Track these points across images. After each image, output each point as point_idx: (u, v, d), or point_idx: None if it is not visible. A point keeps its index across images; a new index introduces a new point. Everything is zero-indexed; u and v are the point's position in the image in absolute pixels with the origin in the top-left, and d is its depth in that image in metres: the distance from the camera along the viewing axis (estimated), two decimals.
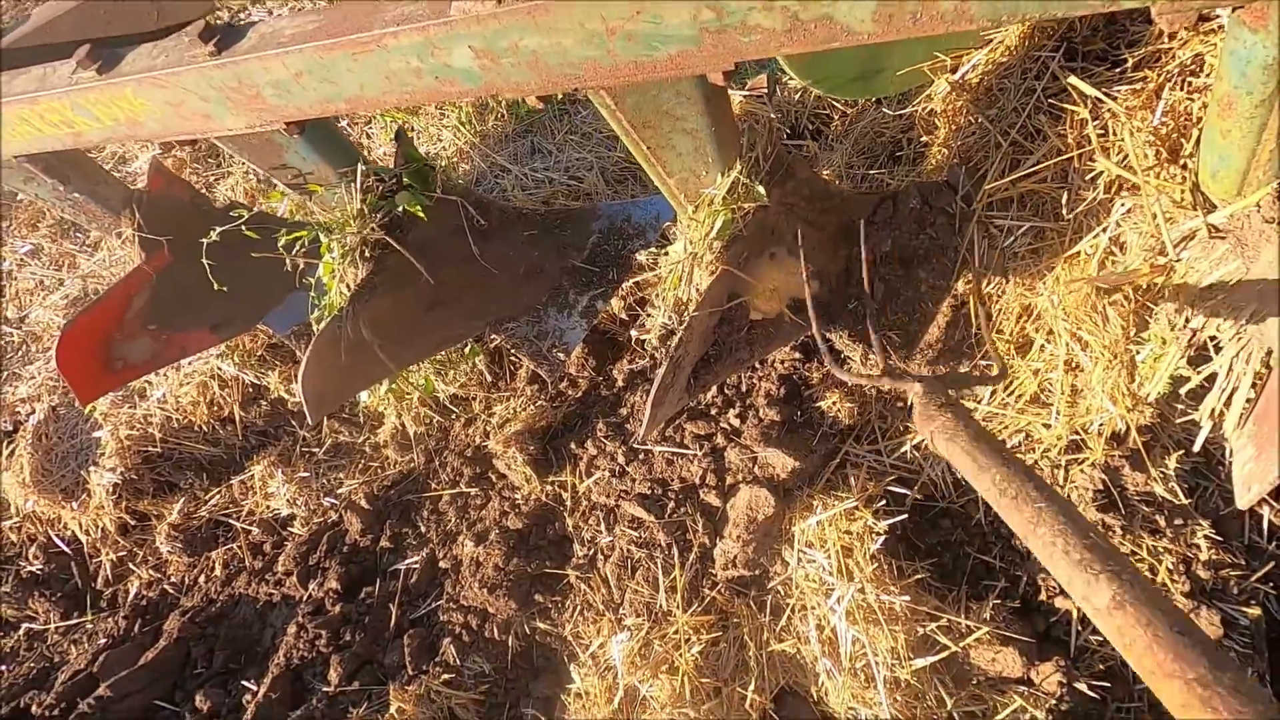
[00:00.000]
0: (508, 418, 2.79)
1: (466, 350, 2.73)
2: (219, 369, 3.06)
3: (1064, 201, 1.78)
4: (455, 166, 3.16)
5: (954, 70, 2.11)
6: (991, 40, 2.09)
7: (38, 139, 1.78)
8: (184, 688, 2.61)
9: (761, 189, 1.52)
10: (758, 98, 2.35)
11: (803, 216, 1.84)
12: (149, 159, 2.53)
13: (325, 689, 2.23)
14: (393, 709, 2.10)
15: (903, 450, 2.00)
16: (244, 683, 2.47)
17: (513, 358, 2.94)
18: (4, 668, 3.16)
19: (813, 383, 2.14)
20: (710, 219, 1.55)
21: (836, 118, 2.79)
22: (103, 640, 2.95)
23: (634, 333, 2.46)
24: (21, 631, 3.26)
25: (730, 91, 1.85)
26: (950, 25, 1.04)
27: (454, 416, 2.96)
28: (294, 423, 3.22)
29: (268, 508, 3.10)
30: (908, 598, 1.77)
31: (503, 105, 3.25)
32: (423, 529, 2.64)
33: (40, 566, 3.30)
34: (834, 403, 2.08)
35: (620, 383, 2.63)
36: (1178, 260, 1.43)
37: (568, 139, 2.99)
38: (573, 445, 2.47)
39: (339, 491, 3.00)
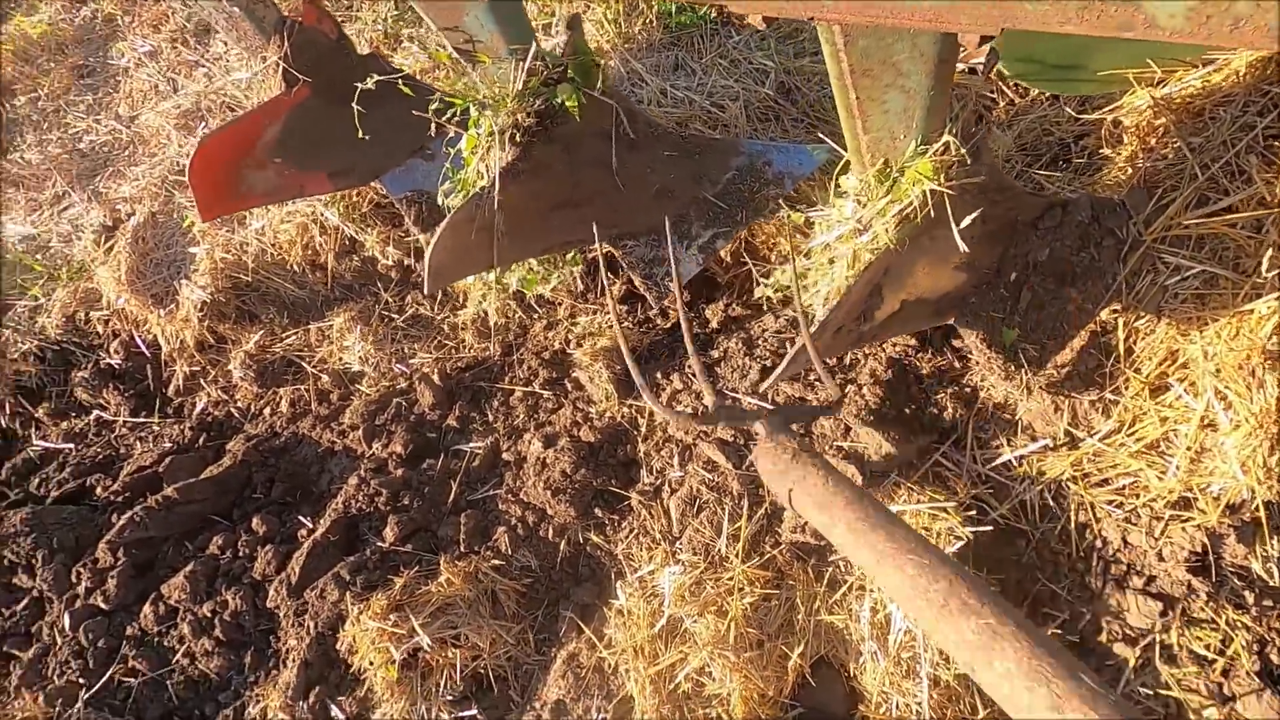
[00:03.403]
0: (591, 331, 2.79)
1: (569, 256, 2.71)
2: (322, 215, 3.07)
3: (1256, 253, 1.67)
4: None
5: (1160, 84, 1.96)
6: (1216, 60, 1.92)
7: None
8: (242, 507, 2.76)
9: (962, 169, 1.44)
10: (969, 71, 2.20)
11: (971, 203, 1.75)
12: None
13: (380, 544, 2.33)
14: (442, 578, 2.19)
15: (1000, 461, 1.96)
16: (300, 518, 2.59)
17: (607, 274, 2.92)
18: (72, 446, 3.36)
19: (923, 374, 2.10)
20: (898, 189, 1.47)
21: (1003, 104, 2.62)
22: (168, 444, 3.11)
23: (763, 285, 2.40)
24: (92, 417, 3.44)
25: None
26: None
27: (536, 316, 2.97)
28: (379, 284, 3.26)
29: (340, 360, 3.18)
30: None
31: (653, 11, 3.10)
32: (490, 418, 2.69)
33: (119, 361, 3.45)
34: (942, 398, 2.04)
35: (714, 324, 2.60)
36: None
37: (715, 62, 2.85)
38: (658, 375, 2.47)
39: (411, 361, 3.06)
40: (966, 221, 1.44)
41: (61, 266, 3.58)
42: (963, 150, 1.41)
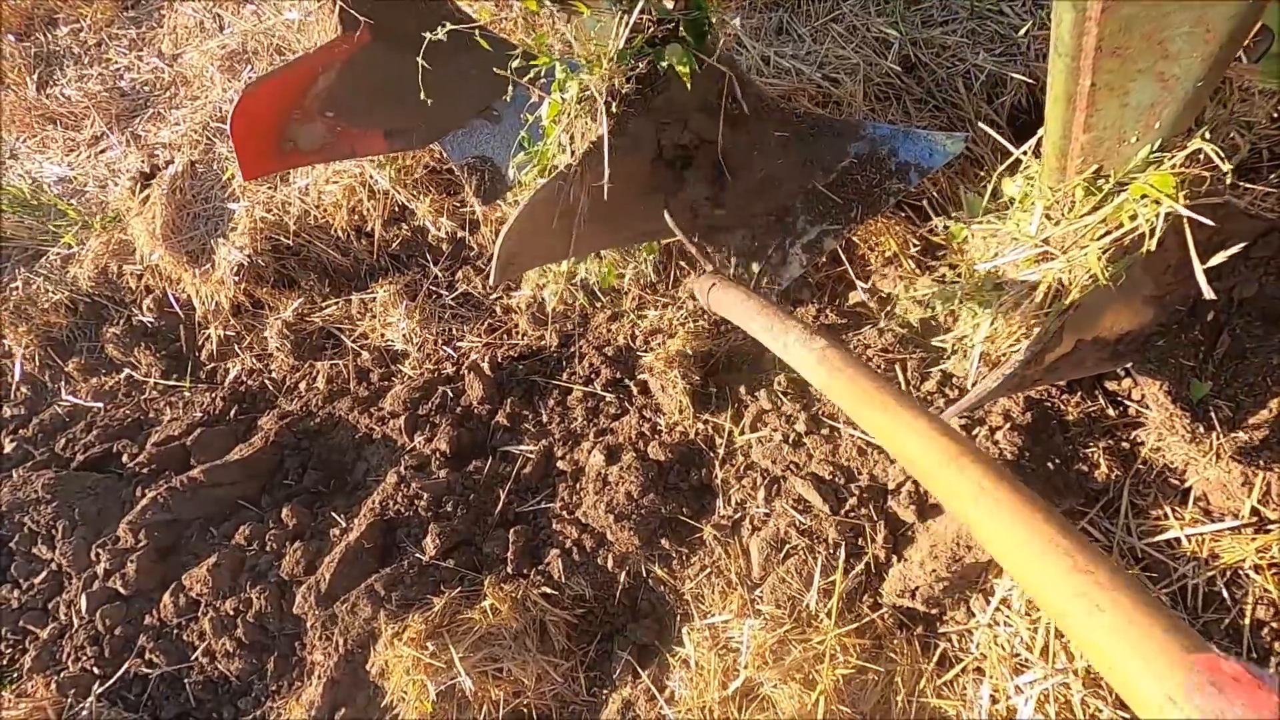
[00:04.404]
0: (660, 328, 2.49)
1: (644, 244, 2.39)
2: (371, 177, 2.80)
3: None
4: None
5: None
6: None
7: None
8: (272, 494, 2.55)
9: (1214, 186, 1.09)
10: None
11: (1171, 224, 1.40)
12: None
13: (419, 555, 2.10)
14: (486, 603, 1.95)
15: (1161, 538, 1.63)
16: (333, 513, 2.37)
17: (680, 264, 2.60)
18: (101, 405, 3.19)
19: (1069, 421, 1.76)
20: (1118, 207, 1.13)
21: None
22: (198, 414, 2.91)
23: (862, 291, 2.07)
24: (122, 376, 3.27)
25: None
26: None
27: (599, 305, 2.68)
28: (428, 257, 2.99)
29: (382, 336, 2.94)
30: (1127, 716, 1.48)
31: None
32: (544, 418, 2.43)
33: (152, 320, 3.26)
34: (1092, 453, 1.71)
35: None
36: None
37: (828, 28, 2.47)
38: (741, 389, 2.16)
39: (459, 344, 2.80)
40: (1222, 257, 1.10)
41: (96, 214, 3.37)
42: (1226, 162, 1.06)
